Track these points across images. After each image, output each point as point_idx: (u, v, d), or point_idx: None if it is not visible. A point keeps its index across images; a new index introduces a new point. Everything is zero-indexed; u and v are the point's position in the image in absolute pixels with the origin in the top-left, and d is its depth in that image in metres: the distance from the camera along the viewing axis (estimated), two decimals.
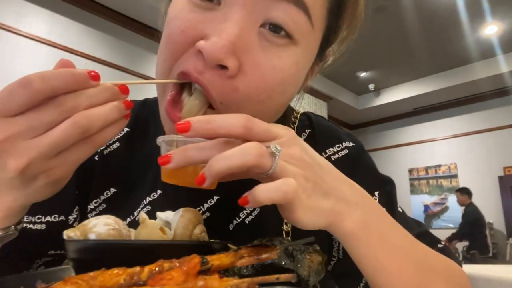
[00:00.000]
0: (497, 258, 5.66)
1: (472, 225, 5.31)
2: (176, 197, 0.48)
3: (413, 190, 7.15)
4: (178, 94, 0.40)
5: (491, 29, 4.79)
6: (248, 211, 0.49)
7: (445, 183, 6.83)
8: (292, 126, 0.55)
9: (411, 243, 0.40)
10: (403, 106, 6.92)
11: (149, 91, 0.54)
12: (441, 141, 6.96)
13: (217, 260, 0.31)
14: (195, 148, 0.31)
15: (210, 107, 0.39)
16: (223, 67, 0.35)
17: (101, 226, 0.39)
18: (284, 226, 0.49)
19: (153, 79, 0.41)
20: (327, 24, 0.41)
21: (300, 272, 0.32)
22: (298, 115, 0.56)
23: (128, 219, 0.48)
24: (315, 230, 0.48)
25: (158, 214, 0.47)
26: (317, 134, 0.54)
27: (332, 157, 0.51)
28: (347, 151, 0.52)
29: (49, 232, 0.48)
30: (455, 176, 6.71)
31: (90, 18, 3.87)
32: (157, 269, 0.27)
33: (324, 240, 0.52)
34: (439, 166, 6.91)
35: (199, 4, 0.36)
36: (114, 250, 0.33)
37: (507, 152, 6.19)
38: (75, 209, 0.50)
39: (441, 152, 6.92)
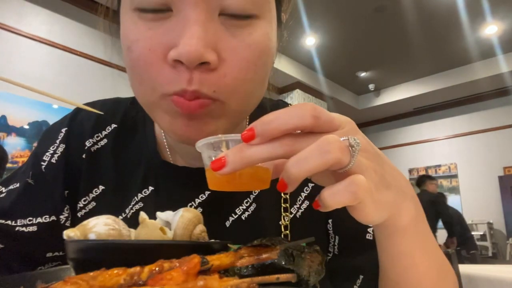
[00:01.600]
0: (497, 258, 5.66)
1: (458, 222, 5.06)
2: (169, 193, 0.48)
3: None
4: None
5: (491, 29, 4.79)
6: (244, 207, 0.48)
7: (445, 183, 6.82)
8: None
9: (436, 244, 0.40)
10: (403, 106, 6.92)
11: None
12: (441, 141, 6.96)
13: (217, 260, 0.31)
14: (252, 146, 0.28)
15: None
16: (204, 63, 0.34)
17: (101, 226, 0.39)
18: (282, 221, 0.48)
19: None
20: None
21: (300, 272, 0.32)
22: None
23: (120, 217, 0.46)
24: (314, 225, 0.50)
25: (158, 214, 0.47)
26: None
27: None
28: None
29: (42, 233, 0.47)
30: (455, 176, 6.71)
31: (90, 18, 3.87)
32: (157, 269, 0.27)
33: (322, 235, 0.51)
34: (439, 166, 6.91)
35: (152, 18, 0.35)
36: (114, 250, 0.33)
37: (507, 152, 6.19)
38: (66, 208, 0.49)
39: (441, 152, 6.92)
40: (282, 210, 0.48)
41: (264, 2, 0.38)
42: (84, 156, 0.50)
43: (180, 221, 0.42)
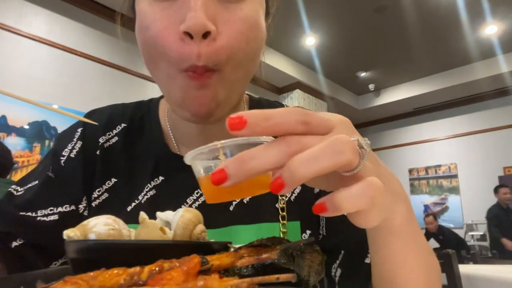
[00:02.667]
0: (497, 258, 5.66)
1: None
2: (177, 182, 0.52)
3: (413, 190, 7.15)
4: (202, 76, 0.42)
5: (491, 29, 4.79)
6: None
7: (445, 183, 6.83)
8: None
9: (423, 238, 0.39)
10: (403, 106, 6.92)
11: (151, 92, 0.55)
12: (441, 141, 6.96)
13: (217, 260, 0.31)
14: (256, 155, 0.25)
15: None
16: (206, 34, 0.40)
17: (101, 226, 0.39)
18: (279, 204, 0.52)
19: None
20: None
21: (300, 272, 0.32)
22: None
23: (133, 203, 0.51)
24: (306, 207, 0.52)
25: (158, 214, 0.47)
26: None
27: None
28: None
29: (62, 221, 0.51)
30: (455, 176, 6.71)
31: (90, 18, 3.87)
32: (157, 269, 0.27)
33: (314, 217, 0.53)
34: (439, 166, 6.91)
35: (163, 1, 0.42)
36: (114, 250, 0.33)
37: (507, 152, 6.19)
38: (84, 198, 0.53)
39: (441, 152, 6.92)
40: (279, 195, 0.52)
41: None
42: (98, 152, 0.55)
43: (180, 221, 0.42)
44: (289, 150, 0.25)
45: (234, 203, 0.51)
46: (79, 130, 0.56)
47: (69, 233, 0.40)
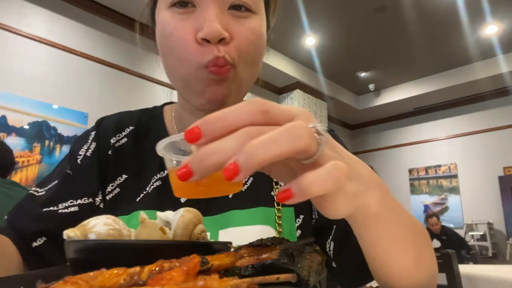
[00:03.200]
0: (497, 258, 5.66)
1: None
2: None
3: (413, 190, 7.15)
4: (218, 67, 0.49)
5: (491, 29, 4.79)
6: (244, 181, 0.56)
7: (445, 183, 6.83)
8: None
9: (404, 210, 0.40)
10: (403, 106, 6.92)
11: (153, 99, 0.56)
12: (441, 141, 6.97)
13: (217, 260, 0.31)
14: (216, 148, 0.25)
15: None
16: (221, 40, 0.48)
17: (101, 226, 0.39)
18: (274, 192, 0.58)
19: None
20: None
21: (300, 272, 0.32)
22: None
23: (142, 194, 0.58)
24: None
25: (158, 214, 0.47)
26: None
27: None
28: None
29: (81, 212, 0.57)
30: (455, 176, 6.71)
31: (90, 18, 3.88)
32: (157, 269, 0.27)
33: (307, 203, 0.57)
34: (439, 166, 6.92)
35: (182, 12, 0.50)
36: (114, 250, 0.33)
37: (507, 152, 6.19)
38: (99, 192, 0.59)
39: (441, 152, 6.92)
40: (274, 184, 0.59)
41: (259, 3, 0.54)
42: (110, 152, 0.62)
43: (180, 221, 0.42)
44: (249, 139, 0.24)
45: None
46: (93, 133, 0.63)
47: (69, 233, 0.40)
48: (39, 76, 3.44)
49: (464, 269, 1.89)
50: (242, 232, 0.53)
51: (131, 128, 0.64)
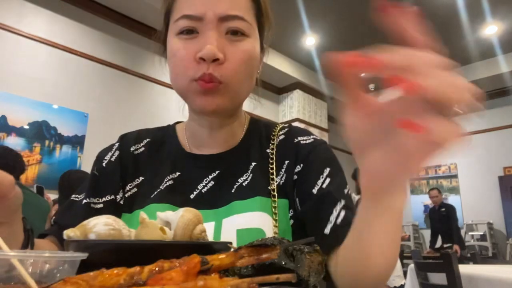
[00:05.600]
0: (497, 258, 5.66)
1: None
2: (191, 173, 0.67)
3: (413, 190, 7.15)
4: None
5: (491, 29, 4.79)
6: (244, 177, 0.66)
7: (445, 183, 6.83)
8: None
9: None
10: None
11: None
12: None
13: (217, 260, 0.31)
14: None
15: None
16: (216, 60, 0.57)
17: (101, 226, 0.39)
18: (270, 186, 0.64)
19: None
20: (257, 22, 0.65)
21: (300, 272, 0.32)
22: (278, 127, 0.73)
23: (156, 192, 0.65)
24: (290, 189, 0.65)
25: (158, 214, 0.47)
26: (293, 128, 0.73)
27: (301, 142, 0.68)
28: (313, 140, 0.69)
29: (106, 209, 0.66)
30: (455, 176, 6.71)
31: (90, 18, 3.88)
32: (157, 269, 0.27)
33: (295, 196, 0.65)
34: (439, 166, 6.92)
35: (186, 38, 0.60)
36: (114, 250, 0.33)
37: (507, 152, 6.19)
38: (120, 191, 0.69)
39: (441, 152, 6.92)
40: (270, 179, 0.65)
41: (252, 28, 0.62)
42: (130, 158, 0.72)
43: (180, 221, 0.43)
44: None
45: (235, 185, 0.65)
46: (117, 144, 0.75)
47: (69, 233, 0.40)
48: (39, 76, 3.44)
49: (464, 269, 1.89)
50: (242, 218, 0.59)
51: (148, 140, 0.75)
